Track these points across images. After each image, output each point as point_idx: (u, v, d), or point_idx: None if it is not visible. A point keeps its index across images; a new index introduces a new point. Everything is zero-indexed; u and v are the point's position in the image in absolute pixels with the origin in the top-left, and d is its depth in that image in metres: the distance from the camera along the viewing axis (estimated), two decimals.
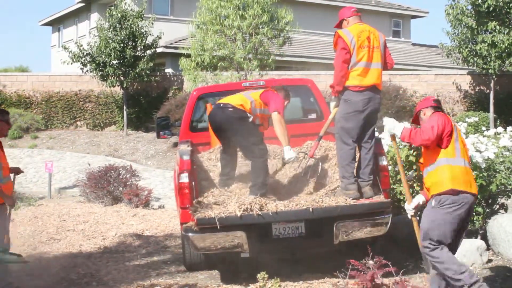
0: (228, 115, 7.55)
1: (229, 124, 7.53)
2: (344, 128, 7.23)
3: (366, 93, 7.15)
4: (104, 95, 26.16)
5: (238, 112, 7.54)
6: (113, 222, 12.17)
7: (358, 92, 7.13)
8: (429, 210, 5.91)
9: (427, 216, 5.89)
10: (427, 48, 38.09)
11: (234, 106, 7.57)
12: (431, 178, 5.93)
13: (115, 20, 24.04)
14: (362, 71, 7.12)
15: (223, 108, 7.64)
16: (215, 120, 7.74)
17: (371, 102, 7.19)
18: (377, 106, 7.29)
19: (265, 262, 7.29)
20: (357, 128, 7.20)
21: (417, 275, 7.50)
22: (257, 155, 7.41)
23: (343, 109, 7.24)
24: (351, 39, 7.08)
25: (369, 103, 7.17)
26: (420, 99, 23.95)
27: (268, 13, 21.92)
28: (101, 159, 20.86)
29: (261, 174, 7.37)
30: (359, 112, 7.16)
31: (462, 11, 21.02)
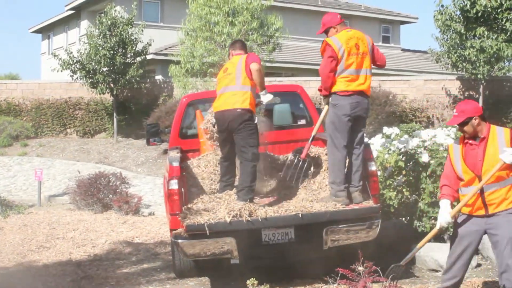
0: (238, 117, 7.43)
1: (238, 125, 7.43)
2: (334, 133, 7.28)
3: (354, 97, 7.22)
4: (94, 102, 26.12)
5: (247, 113, 7.44)
6: (103, 229, 12.13)
7: (346, 96, 7.20)
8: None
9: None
10: (416, 53, 38.23)
11: (243, 108, 7.46)
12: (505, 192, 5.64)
13: (105, 27, 24.02)
14: (351, 77, 7.20)
15: (232, 111, 7.47)
16: (224, 122, 7.53)
17: (359, 107, 7.25)
18: (365, 111, 7.34)
19: (255, 268, 7.29)
20: (346, 132, 7.24)
21: (407, 280, 7.52)
22: (249, 158, 7.40)
23: (332, 113, 7.31)
24: (339, 46, 7.14)
25: (357, 107, 7.23)
26: (409, 105, 24.22)
27: (257, 19, 21.96)
28: (91, 167, 20.81)
29: (249, 179, 7.37)
30: (346, 116, 7.21)
31: (450, 17, 21.10)
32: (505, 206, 5.64)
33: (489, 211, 5.69)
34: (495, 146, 5.67)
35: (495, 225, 5.65)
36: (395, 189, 8.97)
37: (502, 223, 5.60)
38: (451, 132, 9.71)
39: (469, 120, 5.74)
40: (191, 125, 9.21)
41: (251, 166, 7.41)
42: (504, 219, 5.61)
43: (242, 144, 7.44)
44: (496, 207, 5.66)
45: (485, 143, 5.72)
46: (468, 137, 5.83)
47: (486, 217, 5.72)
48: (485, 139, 5.74)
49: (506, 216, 5.62)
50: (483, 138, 5.75)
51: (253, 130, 7.49)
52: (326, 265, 7.16)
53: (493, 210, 5.67)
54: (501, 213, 5.64)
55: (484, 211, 5.72)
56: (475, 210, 5.77)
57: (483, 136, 5.75)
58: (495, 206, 5.66)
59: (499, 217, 5.64)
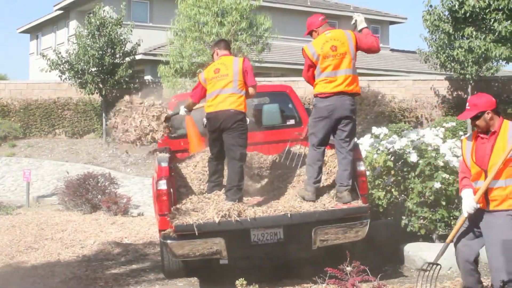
0: (230, 117, 7.47)
1: (230, 125, 7.46)
2: (311, 132, 7.49)
3: (330, 99, 7.33)
4: (83, 102, 26.03)
5: (240, 114, 7.51)
6: (92, 230, 12.10)
7: (323, 98, 7.36)
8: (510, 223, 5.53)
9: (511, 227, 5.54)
10: (405, 53, 38.32)
11: (236, 110, 7.51)
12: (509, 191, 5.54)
13: (93, 28, 23.95)
14: (328, 79, 7.33)
15: (226, 111, 7.51)
16: (217, 123, 7.55)
17: (339, 108, 7.31)
18: (346, 111, 7.36)
19: (244, 269, 7.29)
20: (322, 133, 7.40)
21: (396, 280, 7.54)
22: (237, 158, 7.42)
23: (312, 114, 7.55)
24: (313, 53, 7.38)
25: (335, 109, 7.31)
26: (398, 105, 24.29)
27: (246, 19, 21.93)
28: (80, 167, 20.76)
29: (237, 178, 7.38)
30: (323, 118, 7.35)
31: (439, 17, 21.16)
32: (506, 206, 5.54)
33: (490, 207, 5.59)
34: (505, 140, 5.56)
35: (490, 224, 5.57)
36: (384, 189, 8.99)
37: (497, 225, 5.52)
38: (439, 132, 9.74)
39: (482, 114, 5.63)
40: (180, 125, 9.18)
41: (238, 165, 7.42)
42: (500, 220, 5.52)
43: (231, 143, 7.46)
44: (497, 204, 5.56)
45: (495, 137, 5.61)
46: (481, 132, 5.72)
47: (487, 212, 5.63)
48: (495, 134, 5.63)
49: (503, 217, 5.52)
50: (493, 132, 5.64)
51: (244, 131, 7.53)
52: (315, 265, 7.16)
53: (494, 207, 5.57)
54: (500, 213, 5.54)
55: (486, 206, 5.62)
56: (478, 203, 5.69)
57: (494, 130, 5.64)
58: (497, 204, 5.56)
59: (497, 218, 5.54)
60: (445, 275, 7.62)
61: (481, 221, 5.66)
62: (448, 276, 7.57)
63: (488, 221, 5.61)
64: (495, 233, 5.51)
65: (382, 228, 9.15)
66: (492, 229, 5.54)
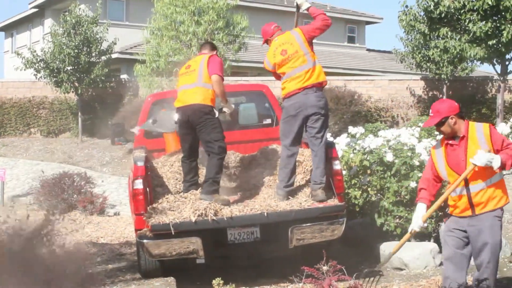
0: (197, 110, 7.48)
1: (198, 119, 7.47)
2: (281, 134, 7.57)
3: (295, 97, 7.41)
4: (58, 101, 25.82)
5: (206, 107, 7.51)
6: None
7: (288, 98, 7.48)
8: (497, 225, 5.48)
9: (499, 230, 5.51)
10: (381, 53, 38.51)
11: (203, 104, 7.51)
12: (495, 190, 5.48)
13: (69, 26, 23.80)
14: (289, 80, 7.48)
15: (192, 105, 7.53)
16: (184, 116, 7.57)
17: (305, 105, 7.37)
18: (313, 108, 7.41)
19: (221, 268, 7.28)
20: (292, 133, 7.46)
21: (372, 279, 7.56)
22: (216, 151, 7.40)
23: (281, 116, 7.65)
24: (269, 64, 7.69)
25: (301, 106, 7.37)
26: (374, 104, 24.42)
27: (223, 19, 21.95)
28: (55, 166, 20.58)
29: (214, 171, 7.38)
30: (291, 117, 7.43)
31: (415, 17, 21.32)
32: (492, 206, 5.45)
33: (476, 211, 5.47)
34: (476, 143, 5.43)
35: (477, 228, 5.45)
36: (360, 188, 9.03)
37: (484, 228, 5.42)
38: (415, 132, 9.81)
39: (446, 120, 5.50)
40: None
41: (217, 158, 7.41)
42: (487, 223, 5.42)
43: (207, 139, 7.46)
44: (483, 207, 5.45)
45: (465, 141, 5.48)
46: (447, 138, 5.59)
47: (470, 217, 5.50)
48: (465, 138, 5.49)
49: (490, 220, 5.43)
50: (462, 137, 5.50)
51: (215, 125, 7.51)
52: (292, 264, 7.17)
53: (480, 210, 5.46)
54: (487, 215, 5.44)
55: (471, 212, 5.49)
56: (462, 211, 5.54)
57: (463, 135, 5.50)
58: (482, 206, 5.46)
59: (483, 221, 5.43)
60: (421, 274, 7.67)
61: (468, 229, 5.52)
62: (424, 275, 7.62)
63: (473, 224, 5.49)
64: (484, 237, 5.41)
65: (358, 227, 9.20)
66: (481, 234, 5.43)
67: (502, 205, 5.52)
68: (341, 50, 35.78)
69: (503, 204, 5.52)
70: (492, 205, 5.47)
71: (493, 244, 5.42)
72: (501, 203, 5.51)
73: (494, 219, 5.46)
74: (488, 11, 17.45)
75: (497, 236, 5.46)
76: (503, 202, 5.53)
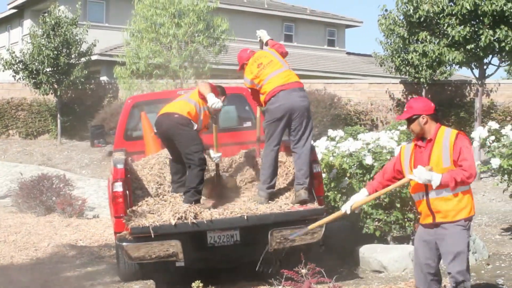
0: (174, 122, 7.55)
1: (174, 130, 7.53)
2: (266, 136, 7.56)
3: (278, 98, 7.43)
4: (37, 103, 25.66)
5: (183, 119, 7.57)
6: (46, 232, 11.94)
7: (272, 99, 7.46)
8: (461, 232, 5.30)
9: (463, 238, 5.31)
10: (361, 57, 38.67)
11: (180, 114, 7.60)
12: (459, 201, 5.27)
13: (48, 27, 23.67)
14: (268, 82, 7.56)
15: (170, 115, 7.65)
16: (161, 127, 7.70)
17: (291, 108, 7.40)
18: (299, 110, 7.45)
19: (201, 271, 7.27)
20: (278, 135, 7.47)
21: (351, 281, 7.60)
22: (196, 163, 7.41)
23: (265, 118, 7.65)
24: (248, 81, 7.80)
25: (287, 109, 7.39)
26: (354, 108, 24.52)
27: (203, 21, 21.95)
28: (34, 168, 20.44)
29: (196, 181, 7.37)
30: (278, 119, 7.43)
31: (394, 21, 21.44)
32: (451, 217, 5.27)
33: (436, 219, 5.31)
34: (440, 149, 5.28)
35: (442, 237, 5.31)
36: (340, 191, 9.06)
37: (448, 237, 5.27)
38: (394, 135, 9.86)
39: (417, 118, 5.35)
40: (136, 127, 9.14)
41: (198, 169, 7.42)
42: (450, 232, 5.27)
43: (186, 152, 7.48)
44: (443, 216, 5.29)
45: (431, 145, 5.32)
46: (417, 138, 5.45)
47: (435, 227, 5.36)
48: (431, 142, 5.33)
49: (453, 229, 5.26)
50: (429, 140, 5.34)
51: (193, 137, 7.54)
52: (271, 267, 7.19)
53: (440, 219, 5.30)
54: (450, 225, 5.27)
55: (432, 219, 5.34)
56: (424, 217, 5.43)
57: (430, 138, 5.34)
58: (442, 216, 5.30)
59: (447, 230, 5.28)
60: (400, 276, 7.72)
61: (433, 235, 5.40)
62: (403, 277, 7.67)
63: (438, 233, 5.35)
64: (447, 247, 5.29)
65: (338, 230, 9.24)
66: (444, 242, 5.31)
67: (464, 217, 5.28)
68: (321, 53, 35.89)
69: (464, 217, 5.28)
70: (451, 216, 5.27)
71: (458, 252, 5.24)
72: (462, 215, 5.28)
73: (457, 228, 5.27)
74: (466, 16, 17.58)
75: (462, 245, 5.25)
76: (465, 215, 5.29)
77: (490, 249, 8.91)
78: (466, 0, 17.24)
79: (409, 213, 8.50)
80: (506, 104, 24.13)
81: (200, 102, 7.75)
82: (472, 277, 7.41)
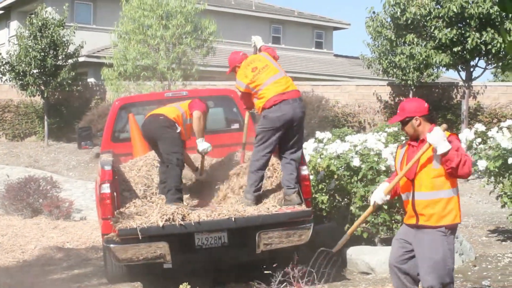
0: (159, 123, 7.68)
1: (158, 131, 7.65)
2: (261, 141, 7.47)
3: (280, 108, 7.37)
4: (24, 104, 25.55)
5: (168, 121, 7.69)
6: (33, 234, 11.89)
7: (272, 107, 7.38)
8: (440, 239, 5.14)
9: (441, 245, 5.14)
10: (348, 59, 38.74)
11: (165, 116, 7.73)
12: (444, 206, 5.13)
13: (35, 29, 23.57)
14: (267, 88, 7.46)
15: (156, 116, 7.79)
16: (147, 128, 7.87)
17: (290, 118, 7.39)
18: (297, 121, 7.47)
19: (188, 273, 7.27)
20: (273, 142, 7.45)
21: (339, 283, 7.62)
22: (174, 163, 7.49)
23: (261, 124, 7.52)
24: (242, 84, 7.64)
25: (287, 119, 7.37)
26: (342, 110, 24.59)
27: (191, 23, 21.94)
28: (21, 170, 20.33)
29: (176, 180, 7.44)
30: (276, 128, 7.39)
31: (381, 24, 21.53)
32: (434, 222, 5.13)
33: (419, 221, 5.18)
34: (431, 148, 5.11)
35: (419, 241, 5.19)
36: (327, 193, 9.08)
37: (425, 242, 5.15)
38: (381, 137, 9.89)
39: (410, 120, 5.23)
40: (124, 128, 9.13)
41: (178, 168, 7.49)
42: (429, 237, 5.13)
43: (166, 152, 7.61)
44: (426, 219, 5.15)
45: (423, 145, 5.17)
46: (411, 139, 5.34)
47: (416, 228, 5.23)
48: (424, 141, 5.17)
49: (432, 235, 5.13)
50: (422, 140, 5.21)
51: (175, 139, 7.65)
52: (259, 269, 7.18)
53: (423, 222, 5.16)
54: (430, 230, 5.13)
55: (415, 220, 5.21)
56: (408, 218, 5.32)
57: (423, 138, 5.20)
58: (426, 219, 5.15)
59: (426, 234, 5.15)
60: (387, 278, 7.73)
61: (412, 237, 5.28)
62: (390, 279, 7.67)
63: (418, 237, 5.22)
64: (423, 251, 5.14)
65: (325, 232, 9.24)
66: (421, 247, 5.17)
67: (446, 224, 5.13)
68: (308, 56, 35.94)
69: (447, 223, 5.13)
70: (435, 220, 5.13)
71: (434, 260, 5.10)
72: (446, 221, 5.14)
73: (437, 234, 5.12)
74: (453, 18, 17.70)
75: (439, 252, 5.11)
76: (448, 221, 5.14)
77: (476, 250, 8.95)
78: (453, 3, 17.35)
79: (396, 215, 8.53)
80: (492, 106, 24.26)
81: (188, 113, 7.89)
82: (459, 278, 7.46)
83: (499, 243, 9.63)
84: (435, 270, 5.10)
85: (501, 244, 9.55)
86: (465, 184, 16.57)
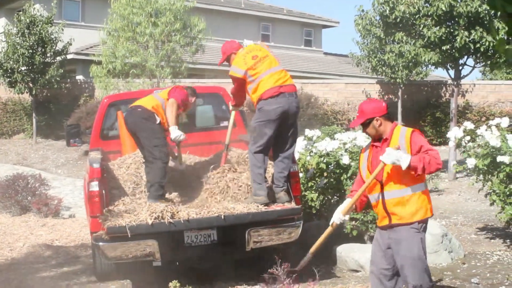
0: (137, 116, 7.64)
1: (137, 124, 7.62)
2: (259, 135, 7.33)
3: (277, 100, 7.29)
4: (12, 102, 25.44)
5: (146, 112, 7.64)
6: (21, 232, 11.84)
7: (268, 99, 7.28)
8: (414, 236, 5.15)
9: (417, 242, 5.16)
10: (338, 57, 38.77)
11: (143, 107, 7.67)
12: (415, 202, 5.14)
13: (23, 26, 23.46)
14: (263, 80, 7.34)
15: (134, 109, 7.75)
16: (127, 122, 7.85)
17: (286, 112, 7.30)
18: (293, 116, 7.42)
19: (178, 271, 7.26)
20: (269, 134, 7.30)
21: (328, 281, 7.63)
22: (157, 157, 7.43)
23: (257, 117, 7.37)
24: (239, 71, 7.40)
25: (283, 112, 7.28)
26: (331, 107, 24.62)
27: (180, 20, 21.89)
28: (9, 168, 20.23)
29: (159, 175, 7.39)
30: (272, 121, 7.27)
31: (371, 22, 21.53)
32: (407, 219, 5.13)
33: (392, 221, 5.17)
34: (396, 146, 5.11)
35: (396, 241, 5.18)
36: (317, 191, 9.09)
37: (401, 241, 5.15)
38: None
39: (370, 121, 5.22)
40: (112, 126, 9.11)
41: (161, 162, 7.43)
42: (404, 235, 5.14)
43: (147, 144, 7.55)
44: (398, 218, 5.15)
45: (387, 144, 5.18)
46: (374, 140, 5.33)
47: (389, 228, 5.22)
48: (387, 141, 5.20)
49: (406, 232, 5.13)
50: (385, 139, 5.22)
51: (155, 131, 7.58)
52: (249, 266, 7.19)
53: (396, 220, 5.16)
54: (404, 227, 5.13)
55: (388, 221, 5.20)
56: (381, 220, 5.30)
57: (386, 137, 5.22)
58: (398, 217, 5.15)
59: (401, 232, 5.15)
60: None
61: (389, 242, 5.26)
62: None
63: (392, 237, 5.22)
64: (404, 251, 5.13)
65: (315, 229, 9.24)
66: (398, 245, 5.17)
67: (418, 219, 5.14)
68: (298, 53, 35.96)
69: (419, 219, 5.15)
70: (407, 218, 5.12)
71: (412, 257, 5.12)
72: (417, 217, 5.14)
73: (410, 231, 5.13)
74: (442, 17, 17.70)
75: (415, 249, 5.12)
76: (420, 217, 5.16)
77: (465, 248, 8.99)
78: (441, 1, 17.37)
79: None
80: (481, 105, 24.38)
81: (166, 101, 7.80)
82: (448, 276, 7.48)
83: (488, 241, 9.67)
84: (416, 268, 5.13)
85: (490, 242, 9.59)
86: (454, 182, 16.63)
